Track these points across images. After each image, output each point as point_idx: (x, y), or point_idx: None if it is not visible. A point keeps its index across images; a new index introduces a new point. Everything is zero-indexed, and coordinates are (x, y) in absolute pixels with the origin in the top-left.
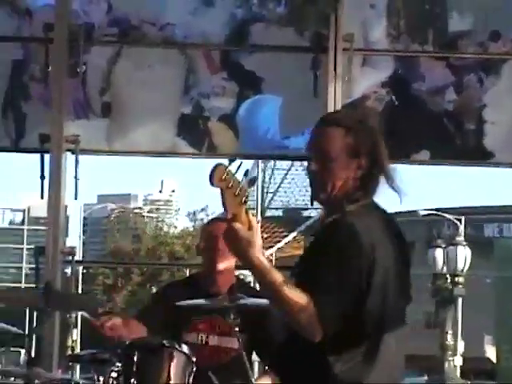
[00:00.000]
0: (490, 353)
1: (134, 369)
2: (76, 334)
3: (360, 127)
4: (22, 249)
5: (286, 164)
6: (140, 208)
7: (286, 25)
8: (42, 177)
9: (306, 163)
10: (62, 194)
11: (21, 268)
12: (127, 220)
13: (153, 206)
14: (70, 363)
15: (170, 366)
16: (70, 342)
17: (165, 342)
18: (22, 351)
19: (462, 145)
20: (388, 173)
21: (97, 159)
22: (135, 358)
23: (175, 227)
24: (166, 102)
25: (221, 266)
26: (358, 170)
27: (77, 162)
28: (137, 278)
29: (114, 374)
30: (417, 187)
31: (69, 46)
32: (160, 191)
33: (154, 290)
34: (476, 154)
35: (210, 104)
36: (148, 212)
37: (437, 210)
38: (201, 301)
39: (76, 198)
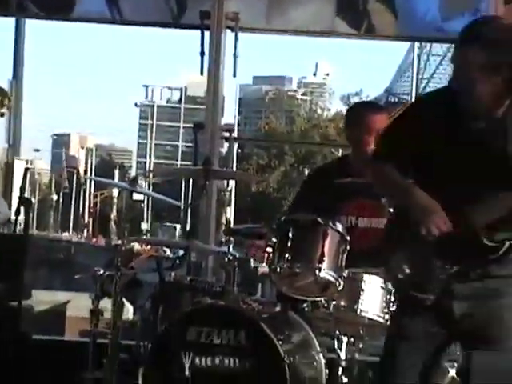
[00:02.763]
0: None
1: (289, 244)
2: (229, 213)
3: (500, 42)
4: (179, 127)
5: (442, 50)
6: (294, 90)
7: None
8: (202, 53)
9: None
10: (221, 70)
11: (177, 146)
12: (281, 102)
13: (307, 88)
14: (227, 237)
15: (323, 243)
16: (223, 220)
17: (319, 218)
18: (178, 227)
19: None
20: None
21: (252, 39)
22: (290, 234)
23: (328, 110)
24: None
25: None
26: (502, 82)
27: (236, 39)
28: (290, 160)
29: (268, 249)
30: None
31: None
32: (314, 74)
33: (306, 171)
34: None
35: None
36: (302, 95)
37: None
38: (356, 180)
39: (235, 76)
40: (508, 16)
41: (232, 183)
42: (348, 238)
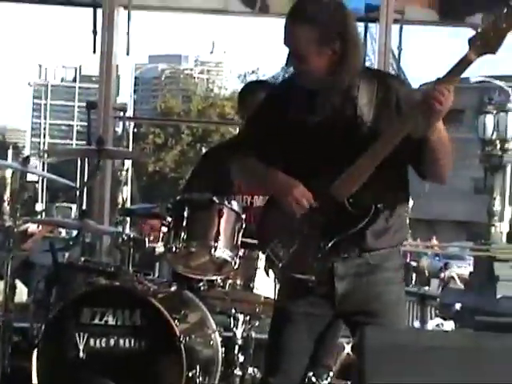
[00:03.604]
0: None
1: (184, 224)
2: (126, 192)
3: (325, 16)
4: (74, 106)
5: None
6: (191, 69)
7: None
8: (95, 31)
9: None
10: (114, 48)
11: (72, 125)
12: (178, 81)
13: (203, 67)
14: (121, 217)
15: (219, 222)
16: (120, 200)
17: (214, 198)
18: (74, 207)
19: None
20: (360, 50)
21: (149, 18)
22: (185, 214)
23: (225, 89)
24: None
25: None
26: (334, 54)
27: (129, 17)
28: (187, 138)
29: (164, 229)
30: None
31: None
32: (211, 52)
33: (204, 150)
34: None
35: None
36: (199, 73)
37: (488, 77)
38: None
39: (128, 54)
40: None
41: (128, 163)
42: (244, 216)
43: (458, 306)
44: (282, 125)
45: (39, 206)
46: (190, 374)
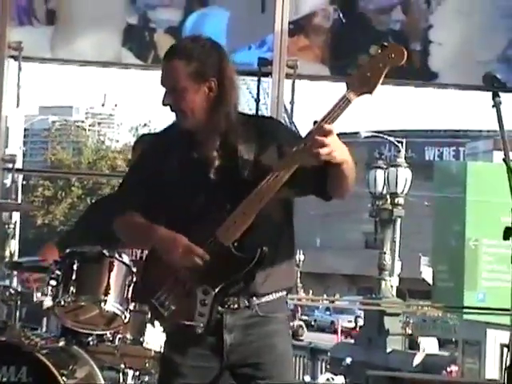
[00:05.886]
0: (426, 274)
1: (74, 277)
2: (14, 245)
3: (201, 52)
4: None
5: None
6: (82, 121)
7: None
8: None
9: (248, 78)
10: (3, 100)
11: None
12: (68, 133)
13: (95, 119)
14: (9, 271)
15: (109, 276)
16: (7, 253)
17: (105, 251)
18: None
19: (406, 65)
20: (237, 91)
21: (40, 70)
22: (75, 267)
23: (117, 141)
24: (112, 12)
25: None
26: (210, 92)
27: (19, 69)
28: (77, 191)
29: (53, 282)
30: (358, 108)
31: None
32: (102, 105)
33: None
34: (421, 74)
35: (157, 15)
36: (90, 125)
37: (378, 132)
38: None
39: (18, 106)
40: (292, 47)
41: (16, 215)
42: (134, 270)
43: (348, 360)
44: (163, 171)
45: None
46: None
